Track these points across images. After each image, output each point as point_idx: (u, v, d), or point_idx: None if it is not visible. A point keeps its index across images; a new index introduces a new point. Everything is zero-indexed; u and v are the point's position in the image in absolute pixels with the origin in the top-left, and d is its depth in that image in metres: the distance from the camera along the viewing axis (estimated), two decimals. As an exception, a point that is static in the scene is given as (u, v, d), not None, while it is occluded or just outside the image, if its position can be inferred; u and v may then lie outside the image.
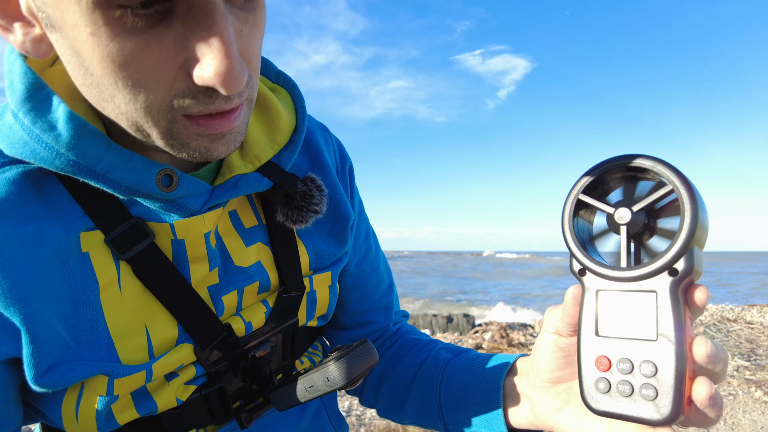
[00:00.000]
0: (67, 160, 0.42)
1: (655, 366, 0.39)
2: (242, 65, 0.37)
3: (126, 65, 0.36)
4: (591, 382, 0.42)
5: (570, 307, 0.45)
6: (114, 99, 0.38)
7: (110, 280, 0.47)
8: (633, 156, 0.42)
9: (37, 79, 0.42)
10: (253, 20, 0.40)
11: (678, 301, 0.39)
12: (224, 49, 0.35)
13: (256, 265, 0.57)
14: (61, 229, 0.45)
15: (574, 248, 0.44)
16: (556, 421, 0.50)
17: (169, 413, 0.52)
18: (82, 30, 0.34)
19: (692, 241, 0.38)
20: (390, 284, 0.78)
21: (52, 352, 0.44)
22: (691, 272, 0.39)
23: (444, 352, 0.69)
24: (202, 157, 0.43)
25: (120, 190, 0.44)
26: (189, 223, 0.49)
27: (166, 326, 0.50)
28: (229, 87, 0.36)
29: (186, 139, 0.41)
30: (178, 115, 0.39)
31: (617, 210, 0.42)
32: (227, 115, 0.41)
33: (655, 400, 0.39)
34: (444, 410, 0.63)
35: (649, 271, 0.39)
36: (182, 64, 0.37)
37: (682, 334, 0.38)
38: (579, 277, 0.44)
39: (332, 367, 0.49)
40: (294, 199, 0.55)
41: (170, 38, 0.36)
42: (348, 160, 0.71)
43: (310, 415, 0.67)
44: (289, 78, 0.61)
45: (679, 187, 0.39)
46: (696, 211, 0.38)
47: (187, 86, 0.38)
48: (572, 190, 0.45)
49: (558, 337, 0.47)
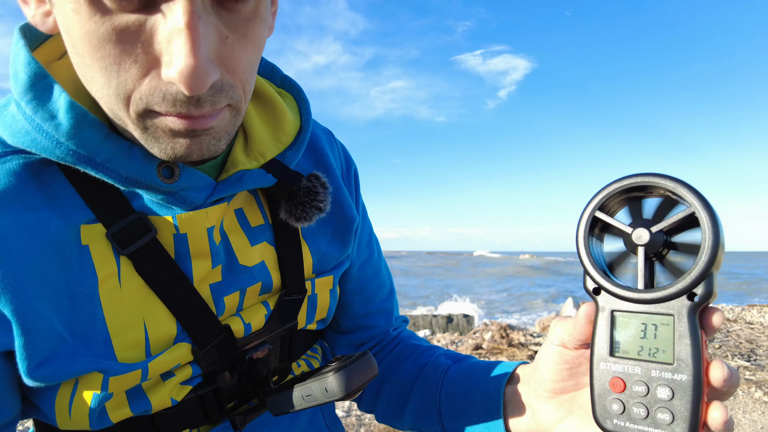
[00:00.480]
0: (67, 149, 0.42)
1: (672, 390, 0.39)
2: (210, 67, 0.36)
3: (100, 46, 0.36)
4: (604, 402, 0.42)
5: (582, 324, 0.44)
6: (94, 81, 0.38)
7: (109, 274, 0.47)
8: (653, 175, 0.41)
9: (40, 68, 0.42)
10: (244, 30, 0.39)
11: (696, 325, 0.39)
12: (190, 46, 0.34)
13: (260, 265, 0.57)
14: (61, 221, 0.45)
15: (590, 267, 0.43)
16: (559, 431, 0.50)
17: (163, 413, 0.52)
18: (66, 6, 0.35)
19: (713, 266, 0.38)
20: (391, 289, 0.78)
21: (45, 344, 0.43)
22: (710, 297, 0.38)
23: (444, 358, 0.69)
24: (173, 155, 0.42)
25: (120, 181, 0.44)
26: (192, 216, 0.48)
27: (165, 324, 0.50)
28: (190, 86, 0.35)
29: (156, 134, 0.40)
30: (145, 108, 0.39)
31: (635, 230, 0.41)
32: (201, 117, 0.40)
33: (672, 425, 0.39)
34: (444, 417, 0.63)
35: (668, 294, 0.39)
36: (155, 58, 0.36)
37: (699, 358, 0.38)
38: (593, 295, 0.44)
39: (331, 379, 0.48)
40: (297, 195, 0.54)
41: (147, 28, 0.35)
42: (353, 164, 0.71)
43: (305, 417, 0.67)
44: (294, 82, 0.61)
45: (700, 210, 0.38)
46: (717, 236, 0.37)
47: (156, 83, 0.37)
48: (587, 206, 0.44)
49: (563, 350, 0.47)
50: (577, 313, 0.45)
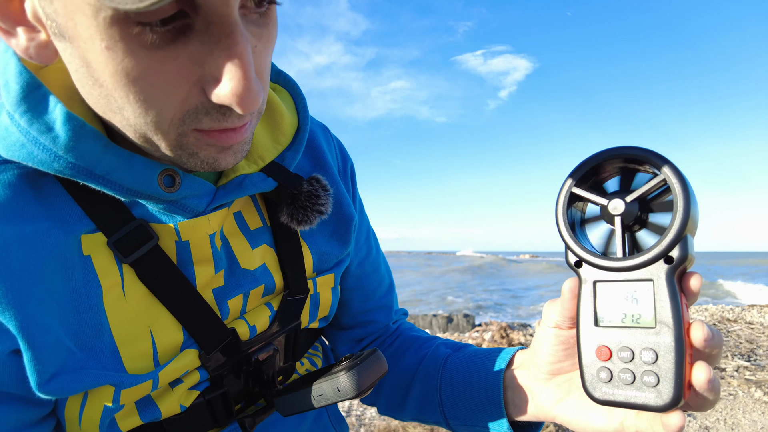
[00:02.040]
0: (65, 162, 0.41)
1: (655, 353, 0.40)
2: (259, 85, 0.37)
3: (140, 80, 0.35)
4: (592, 372, 0.43)
5: (567, 300, 0.45)
6: (123, 111, 0.38)
7: (113, 283, 0.46)
8: (626, 148, 0.42)
9: (33, 78, 0.40)
10: (267, 35, 0.40)
11: (675, 288, 0.40)
12: (243, 70, 0.35)
13: (262, 268, 0.57)
14: (61, 232, 0.44)
15: (570, 240, 0.44)
16: (558, 412, 0.51)
17: (172, 419, 0.52)
18: (96, 43, 0.34)
19: (686, 228, 0.39)
20: (390, 284, 0.79)
21: (53, 358, 0.43)
22: (686, 259, 0.40)
23: (443, 347, 0.69)
24: (209, 168, 0.43)
25: (121, 192, 0.43)
26: (193, 224, 0.48)
27: (172, 331, 0.49)
28: (245, 107, 0.36)
29: (195, 150, 0.41)
30: (188, 129, 0.39)
31: (611, 201, 0.43)
32: (239, 129, 0.41)
33: (657, 386, 0.39)
34: (445, 405, 0.64)
35: (646, 259, 0.40)
36: (197, 81, 0.37)
37: (680, 320, 0.39)
38: (575, 269, 0.45)
39: (343, 378, 0.48)
40: (299, 200, 0.54)
41: (187, 55, 0.35)
42: (349, 160, 0.71)
43: (311, 416, 0.67)
44: (289, 78, 0.61)
45: (671, 177, 0.40)
46: (688, 200, 0.39)
47: (201, 102, 0.38)
48: (565, 183, 0.45)
49: (558, 330, 0.48)
50: (562, 289, 0.46)
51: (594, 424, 0.47)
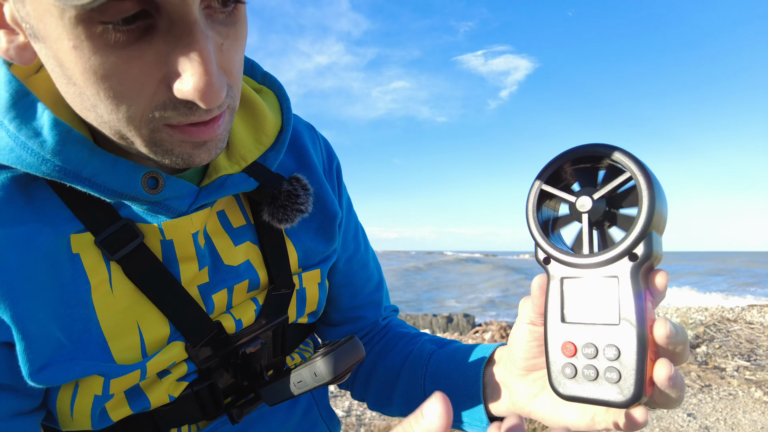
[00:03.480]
0: (53, 165, 0.42)
1: (618, 349, 0.40)
2: (221, 80, 0.38)
3: (108, 78, 0.37)
4: (558, 367, 0.43)
5: (537, 297, 0.46)
6: (96, 109, 0.39)
7: (101, 280, 0.48)
8: (592, 146, 0.43)
9: (21, 86, 0.42)
10: (234, 34, 0.41)
11: (639, 285, 0.40)
12: (203, 65, 0.36)
13: (245, 264, 0.58)
14: (50, 232, 0.46)
15: (539, 237, 0.45)
16: (533, 407, 0.51)
17: (162, 409, 0.53)
18: (65, 43, 0.35)
19: (650, 226, 0.39)
20: (379, 280, 0.79)
21: (45, 349, 0.45)
22: (650, 257, 0.40)
23: (429, 343, 0.70)
24: (184, 164, 0.44)
25: (106, 194, 0.45)
26: (177, 223, 0.50)
27: (158, 325, 0.51)
28: (207, 101, 0.37)
29: (169, 146, 0.42)
30: (160, 125, 0.40)
31: (578, 198, 0.43)
32: (210, 124, 0.42)
33: (619, 383, 0.40)
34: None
35: (610, 257, 0.40)
36: (163, 78, 0.38)
37: (643, 317, 0.39)
38: (544, 265, 0.45)
39: (319, 363, 0.50)
40: (279, 199, 0.56)
41: (152, 53, 0.37)
42: (335, 158, 0.72)
43: (300, 410, 0.68)
44: (275, 79, 0.62)
45: (636, 174, 0.40)
46: (653, 197, 0.39)
47: (168, 98, 0.39)
48: (535, 180, 0.46)
49: (533, 327, 0.49)
50: (531, 285, 0.46)
51: (567, 420, 0.48)
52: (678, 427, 3.28)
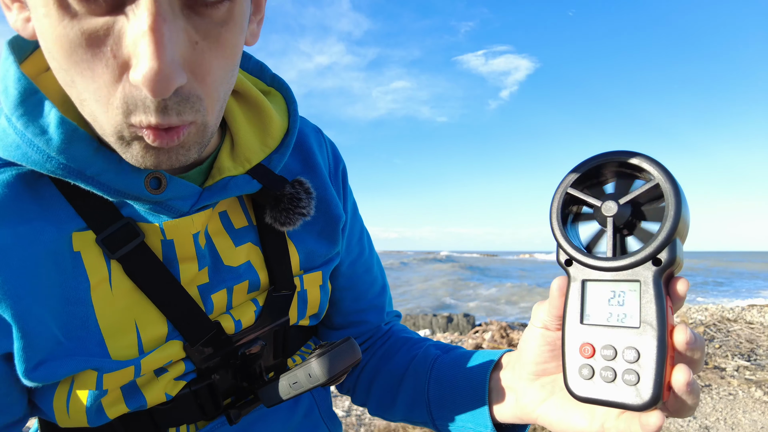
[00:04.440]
0: (57, 163, 0.43)
1: (637, 352, 0.40)
2: (175, 70, 0.35)
3: (72, 51, 0.36)
4: (575, 368, 0.43)
5: (556, 298, 0.46)
6: (75, 85, 0.38)
7: (101, 278, 0.48)
8: (621, 153, 0.43)
9: (30, 84, 0.43)
10: (216, 35, 0.38)
11: (661, 289, 0.40)
12: (153, 48, 0.33)
13: (246, 265, 0.58)
14: (54, 230, 0.46)
15: (561, 239, 0.45)
16: (540, 412, 0.51)
17: (160, 408, 0.53)
18: (39, 11, 0.35)
19: (676, 232, 0.40)
20: (383, 285, 0.79)
21: (43, 347, 0.45)
22: (674, 263, 0.40)
23: (433, 349, 0.70)
24: (143, 163, 0.41)
25: (110, 193, 0.45)
26: (178, 223, 0.50)
27: (156, 323, 0.51)
28: (153, 89, 0.34)
29: (129, 140, 0.40)
30: (121, 118, 0.38)
31: (604, 203, 0.44)
32: (170, 132, 0.39)
33: (637, 385, 0.40)
34: (432, 405, 0.64)
35: (636, 260, 0.41)
36: (125, 63, 0.36)
37: (664, 321, 0.40)
38: (565, 267, 0.45)
39: (314, 364, 0.50)
40: (282, 202, 0.56)
41: (116, 32, 0.35)
42: (341, 162, 0.72)
43: (301, 411, 0.68)
44: (283, 81, 0.62)
45: (663, 182, 0.41)
46: (679, 205, 0.40)
47: (130, 90, 0.37)
48: (561, 183, 0.47)
49: (545, 331, 0.49)
50: (551, 288, 0.46)
51: (575, 425, 0.47)
52: (678, 427, 3.28)
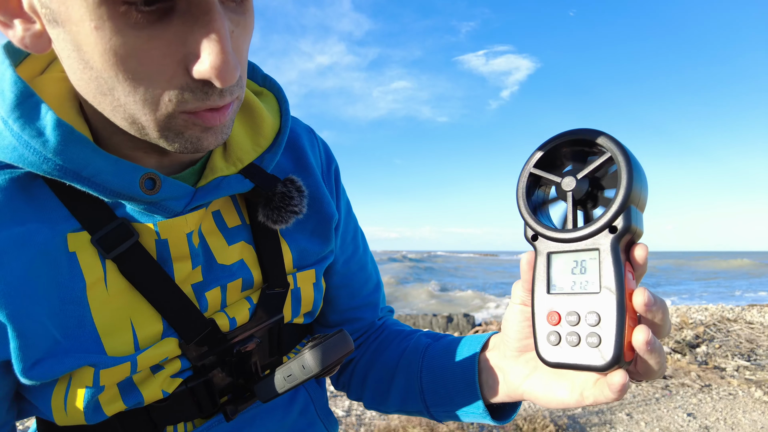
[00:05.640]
0: (54, 164, 0.44)
1: (598, 315, 0.43)
2: (236, 60, 0.39)
3: (128, 59, 0.38)
4: (543, 336, 0.46)
5: (525, 271, 0.49)
6: (113, 92, 0.40)
7: (97, 278, 0.49)
8: (576, 131, 0.46)
9: (26, 87, 0.44)
10: (244, 23, 0.43)
11: (618, 255, 0.43)
12: (221, 44, 0.38)
13: (239, 263, 0.59)
14: (49, 231, 0.47)
15: (526, 216, 0.48)
16: (526, 387, 0.53)
17: (157, 405, 0.54)
18: (86, 24, 0.37)
19: (629, 200, 0.42)
20: (377, 282, 0.80)
21: (40, 345, 0.46)
22: (629, 229, 0.42)
23: (424, 338, 0.71)
24: (193, 148, 0.45)
25: (105, 193, 0.46)
26: (172, 223, 0.50)
27: (151, 322, 0.52)
28: (224, 80, 0.39)
29: (181, 129, 0.43)
30: (175, 109, 0.41)
31: (564, 179, 0.46)
32: (222, 110, 0.44)
33: (599, 347, 0.42)
34: (425, 393, 0.65)
35: (592, 230, 0.43)
36: (181, 60, 0.39)
37: (622, 285, 0.42)
38: (532, 242, 0.48)
39: (307, 355, 0.51)
40: (273, 200, 0.57)
41: (171, 34, 0.38)
42: (333, 161, 0.73)
43: (297, 408, 0.68)
44: (275, 82, 0.63)
45: (616, 153, 0.43)
46: (631, 174, 0.42)
47: (186, 82, 0.40)
48: (525, 164, 0.49)
49: (524, 308, 0.51)
50: (520, 261, 0.49)
51: (557, 397, 0.50)
52: (678, 427, 3.28)
